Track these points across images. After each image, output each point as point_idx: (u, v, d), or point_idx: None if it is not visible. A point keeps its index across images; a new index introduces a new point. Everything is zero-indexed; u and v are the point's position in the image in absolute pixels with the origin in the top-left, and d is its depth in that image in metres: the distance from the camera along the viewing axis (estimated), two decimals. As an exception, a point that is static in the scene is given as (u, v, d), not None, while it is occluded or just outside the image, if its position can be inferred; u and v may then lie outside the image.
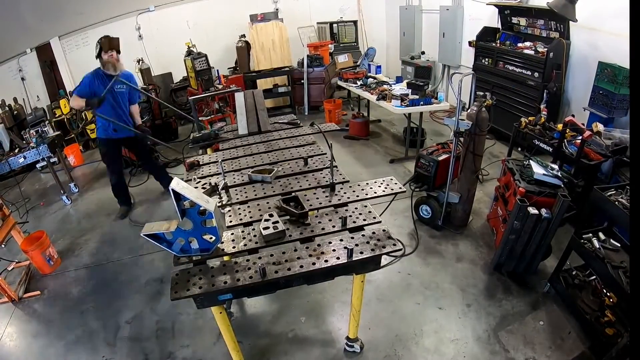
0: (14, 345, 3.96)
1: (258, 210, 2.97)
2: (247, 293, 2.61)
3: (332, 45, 10.52)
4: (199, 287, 2.31)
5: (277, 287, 2.54)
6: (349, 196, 3.09)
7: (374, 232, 2.69)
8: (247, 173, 3.47)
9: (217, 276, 2.38)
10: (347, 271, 2.69)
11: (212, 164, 3.87)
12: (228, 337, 2.90)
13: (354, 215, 2.87)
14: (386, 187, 3.18)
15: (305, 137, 4.34)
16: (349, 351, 3.50)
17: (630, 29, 1.66)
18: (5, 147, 7.04)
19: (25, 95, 9.41)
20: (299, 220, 2.81)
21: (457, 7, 8.79)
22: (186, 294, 2.27)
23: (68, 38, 9.58)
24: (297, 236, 2.67)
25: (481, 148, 4.51)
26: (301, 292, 4.10)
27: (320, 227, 2.75)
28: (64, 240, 5.63)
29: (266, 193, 3.23)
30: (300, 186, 3.29)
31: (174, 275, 2.41)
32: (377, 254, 2.51)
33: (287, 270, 2.39)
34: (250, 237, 2.67)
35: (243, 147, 4.24)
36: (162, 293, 4.38)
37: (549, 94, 6.18)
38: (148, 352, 3.68)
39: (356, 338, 3.46)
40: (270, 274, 2.36)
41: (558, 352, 3.35)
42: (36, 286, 4.73)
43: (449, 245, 4.75)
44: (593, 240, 3.45)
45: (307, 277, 2.49)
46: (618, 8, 5.17)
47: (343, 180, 3.31)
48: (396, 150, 7.54)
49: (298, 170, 3.56)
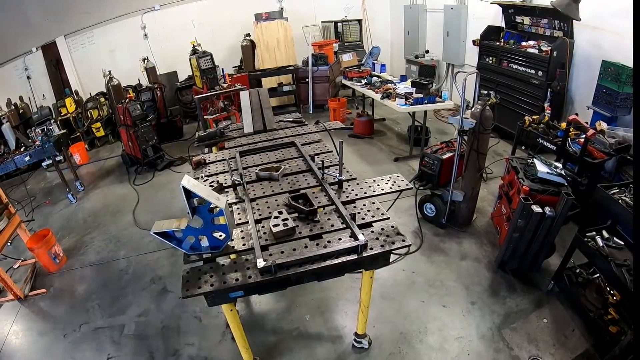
0: (20, 343, 4.00)
1: (267, 208, 3.00)
2: (258, 290, 2.63)
3: (337, 44, 10.55)
4: (211, 284, 2.33)
5: (289, 284, 2.55)
6: (357, 193, 3.12)
7: (382, 229, 2.71)
8: (255, 171, 3.50)
9: (228, 274, 2.39)
10: (357, 267, 2.72)
11: (219, 162, 3.90)
12: (238, 335, 2.92)
13: (362, 212, 2.90)
14: (393, 184, 3.22)
15: (310, 135, 4.37)
16: (357, 347, 3.52)
17: (634, 28, 1.68)
18: (11, 145, 7.07)
19: (31, 94, 9.47)
20: (307, 217, 2.83)
21: (461, 6, 8.78)
22: (198, 291, 2.29)
23: (74, 37, 9.63)
24: (306, 233, 2.70)
25: (485, 146, 4.52)
26: (304, 290, 4.13)
27: (330, 223, 2.77)
28: (69, 238, 5.66)
29: (274, 191, 3.26)
30: (307, 183, 3.32)
31: (185, 273, 2.43)
32: (386, 249, 2.54)
33: (298, 267, 2.40)
34: (260, 234, 2.68)
35: (249, 145, 4.26)
36: (168, 291, 4.41)
37: (552, 92, 6.18)
38: (153, 349, 3.71)
39: (364, 334, 3.48)
40: (281, 271, 2.37)
41: (562, 349, 3.35)
42: (42, 284, 4.76)
43: (453, 243, 4.76)
44: (597, 238, 3.46)
45: (318, 273, 2.51)
46: (621, 7, 5.17)
47: (350, 177, 3.33)
48: (400, 148, 7.54)
49: (305, 167, 3.59)
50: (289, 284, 2.55)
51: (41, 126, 6.72)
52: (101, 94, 9.25)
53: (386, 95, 6.78)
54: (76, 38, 9.67)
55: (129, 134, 7.25)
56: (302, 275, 2.45)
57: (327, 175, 3.30)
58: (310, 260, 2.43)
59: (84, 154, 8.60)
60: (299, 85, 9.85)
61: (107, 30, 9.84)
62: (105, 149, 9.30)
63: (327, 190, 3.11)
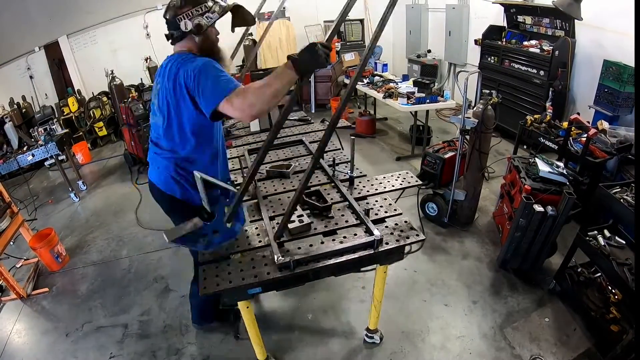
0: (22, 342, 4.00)
1: (280, 205, 3.04)
2: (276, 286, 2.67)
3: (339, 44, 10.55)
4: (229, 281, 2.35)
5: (307, 279, 2.60)
6: (368, 190, 3.18)
7: (396, 224, 2.77)
8: (266, 169, 3.54)
9: (246, 270, 2.42)
10: (373, 262, 2.76)
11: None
12: (253, 332, 2.96)
13: (375, 208, 2.94)
14: (403, 180, 3.28)
15: (317, 134, 4.44)
16: (368, 342, 3.55)
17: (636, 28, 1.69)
18: (14, 145, 7.08)
19: (33, 93, 9.46)
20: (321, 213, 2.88)
21: (463, 5, 8.78)
22: (216, 288, 2.31)
23: (76, 36, 9.63)
24: (321, 229, 2.73)
25: (487, 146, 4.52)
26: (307, 289, 4.14)
27: (344, 219, 2.82)
28: (72, 237, 5.67)
29: (285, 188, 3.30)
30: (318, 180, 3.36)
31: (202, 271, 2.45)
32: (402, 244, 2.58)
33: (316, 262, 2.44)
34: (275, 230, 2.70)
35: (256, 143, 4.31)
36: (170, 290, 4.42)
37: (554, 92, 6.18)
38: (155, 349, 3.71)
39: (376, 329, 3.52)
40: (299, 266, 2.41)
41: (563, 348, 3.36)
42: (44, 283, 4.77)
43: (455, 242, 4.77)
44: (598, 237, 3.45)
45: (335, 268, 2.54)
46: (623, 7, 5.17)
47: (360, 174, 3.38)
48: (402, 148, 7.55)
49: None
50: (306, 279, 2.60)
51: (44, 125, 6.74)
52: (104, 93, 9.25)
53: (388, 94, 6.78)
54: (79, 37, 9.67)
55: (131, 133, 7.26)
56: (320, 270, 2.48)
57: (337, 172, 3.34)
58: (328, 256, 2.47)
59: (86, 154, 8.60)
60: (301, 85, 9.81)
61: (109, 29, 9.84)
62: (108, 149, 9.32)
63: (339, 186, 3.15)
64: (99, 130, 9.21)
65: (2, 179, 6.92)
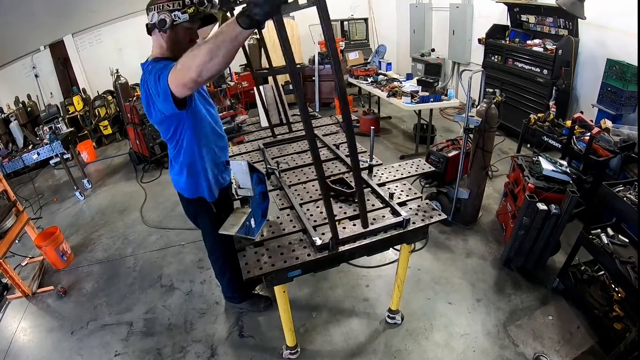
0: (28, 340, 4.03)
1: (306, 193, 3.22)
2: (314, 268, 2.77)
3: (343, 43, 10.54)
4: (272, 264, 2.43)
5: (342, 260, 2.73)
6: (387, 176, 3.41)
7: (419, 205, 2.94)
8: (284, 160, 3.74)
9: (286, 254, 2.52)
10: (400, 241, 2.92)
11: (244, 154, 4.14)
12: (286, 318, 3.05)
13: (396, 193, 3.11)
14: (417, 168, 3.56)
15: (328, 127, 4.64)
16: (390, 322, 3.67)
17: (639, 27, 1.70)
18: (19, 143, 7.13)
19: (38, 92, 9.52)
20: (348, 199, 3.06)
21: (466, 4, 8.78)
22: (259, 272, 2.39)
23: (81, 35, 9.69)
24: (351, 213, 2.89)
25: (491, 144, 4.53)
26: (311, 291, 4.17)
27: (370, 204, 2.99)
28: (77, 235, 5.70)
29: (308, 177, 3.49)
30: (339, 170, 3.59)
31: (242, 256, 2.54)
32: (427, 223, 2.75)
33: (353, 242, 2.57)
34: (308, 215, 2.86)
35: (270, 137, 4.46)
36: (175, 288, 4.45)
37: (557, 90, 6.18)
38: (160, 346, 3.73)
39: (397, 310, 3.63)
40: (335, 248, 2.51)
41: (567, 346, 3.37)
42: (50, 281, 4.79)
43: (459, 240, 4.78)
44: (601, 235, 3.46)
45: (368, 248, 2.66)
46: (626, 6, 5.17)
47: (377, 163, 3.59)
48: (406, 146, 7.56)
49: (332, 156, 3.89)
50: (342, 260, 2.73)
51: (49, 124, 6.77)
52: (109, 92, 9.30)
53: (392, 93, 6.78)
54: (84, 36, 9.72)
55: (136, 132, 7.30)
56: (355, 251, 2.60)
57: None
58: (363, 236, 2.61)
59: (91, 152, 8.65)
60: (305, 84, 9.86)
61: (114, 28, 9.88)
62: (113, 147, 9.37)
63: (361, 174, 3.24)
64: (104, 128, 9.25)
65: (8, 178, 6.94)
